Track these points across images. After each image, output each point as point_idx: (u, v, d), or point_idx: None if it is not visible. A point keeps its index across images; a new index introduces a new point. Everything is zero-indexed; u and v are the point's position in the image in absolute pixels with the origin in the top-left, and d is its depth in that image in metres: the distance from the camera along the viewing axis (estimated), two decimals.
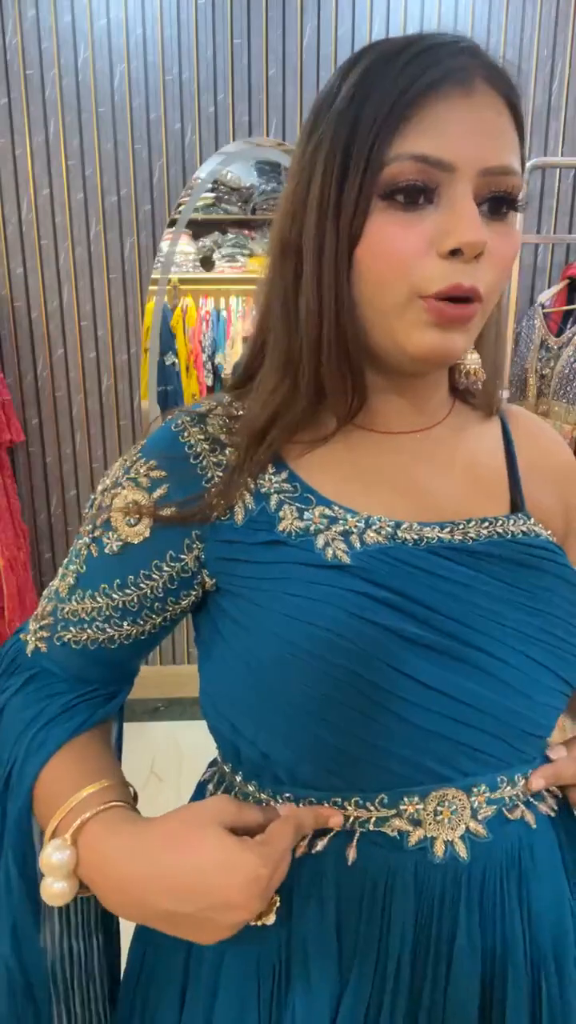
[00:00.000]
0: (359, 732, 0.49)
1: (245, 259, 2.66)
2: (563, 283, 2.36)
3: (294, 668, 0.49)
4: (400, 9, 2.32)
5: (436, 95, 0.46)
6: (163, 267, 2.47)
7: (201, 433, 0.56)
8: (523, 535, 0.56)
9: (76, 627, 0.57)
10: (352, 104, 0.48)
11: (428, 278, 0.48)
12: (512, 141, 0.49)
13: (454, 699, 0.50)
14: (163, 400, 2.64)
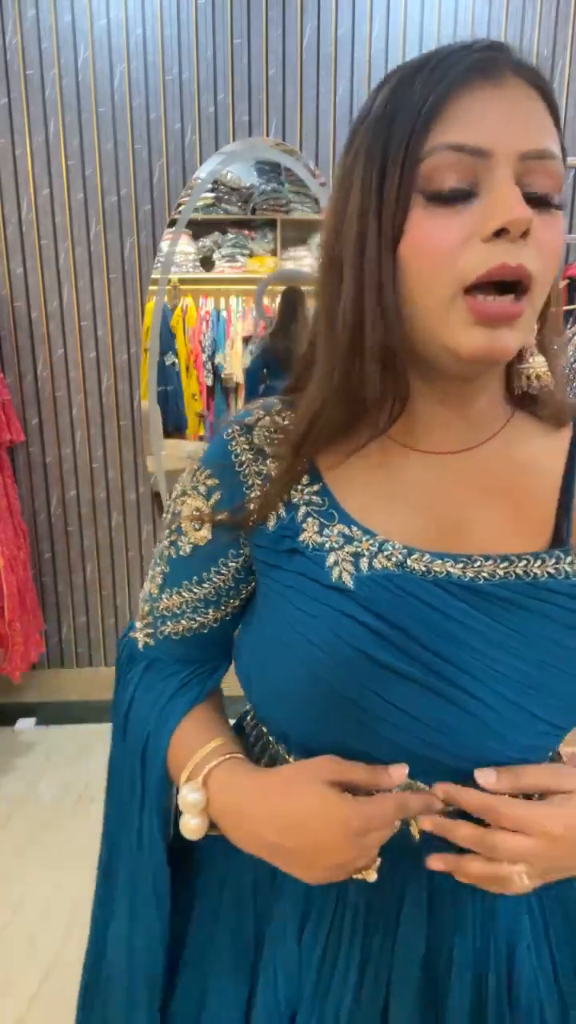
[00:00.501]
0: (338, 736, 0.55)
1: (245, 259, 2.66)
2: (563, 283, 2.36)
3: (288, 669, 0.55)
4: (400, 9, 2.32)
5: (466, 88, 0.46)
6: (163, 267, 2.47)
7: (247, 443, 0.59)
8: (548, 577, 0.53)
9: (172, 621, 0.65)
10: (386, 112, 0.49)
11: (471, 265, 0.47)
12: (548, 126, 0.48)
13: (431, 728, 0.53)
14: (163, 400, 2.64)
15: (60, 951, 1.66)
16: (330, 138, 2.41)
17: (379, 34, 2.34)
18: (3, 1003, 1.53)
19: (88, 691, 2.81)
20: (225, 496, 0.59)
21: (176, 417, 2.75)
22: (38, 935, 1.71)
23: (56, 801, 2.21)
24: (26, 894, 1.83)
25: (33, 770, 2.37)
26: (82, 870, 1.91)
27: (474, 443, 0.56)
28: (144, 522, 2.70)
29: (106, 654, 2.81)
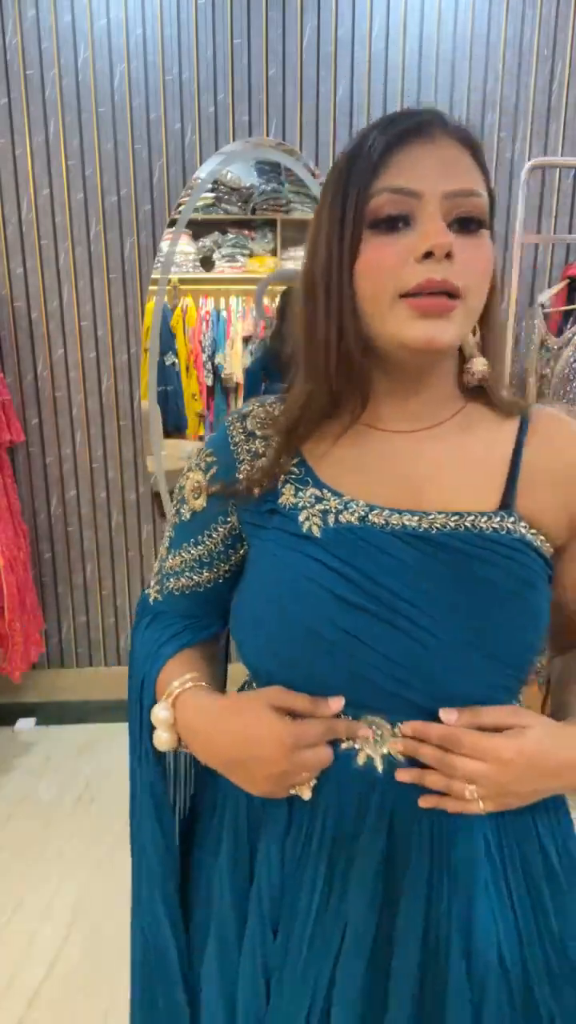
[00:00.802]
0: (306, 664, 0.64)
1: (245, 259, 2.66)
2: (563, 283, 2.37)
3: (264, 606, 0.66)
4: (400, 9, 2.32)
5: (403, 145, 0.60)
6: (163, 267, 2.47)
7: (241, 428, 0.72)
8: (493, 531, 0.64)
9: (174, 578, 0.77)
10: (346, 164, 0.62)
11: (407, 279, 0.60)
12: (472, 171, 0.62)
13: (391, 660, 0.62)
14: (163, 400, 2.64)
15: (60, 951, 1.66)
16: (330, 138, 2.41)
17: (379, 34, 2.34)
18: (3, 1003, 1.53)
19: (88, 691, 2.81)
20: (220, 470, 0.72)
21: (176, 417, 2.75)
22: (38, 935, 1.71)
23: (56, 801, 2.21)
24: (26, 894, 1.83)
25: (33, 770, 2.37)
26: (82, 870, 1.91)
27: (429, 424, 0.68)
28: (144, 522, 2.70)
29: (106, 654, 2.81)
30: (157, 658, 0.74)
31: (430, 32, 2.35)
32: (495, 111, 2.41)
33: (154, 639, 0.76)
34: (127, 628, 2.79)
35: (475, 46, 2.36)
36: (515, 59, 2.38)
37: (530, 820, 0.67)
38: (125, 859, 2.15)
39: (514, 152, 2.45)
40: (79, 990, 1.56)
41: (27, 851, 1.99)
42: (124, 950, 1.75)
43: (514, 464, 0.67)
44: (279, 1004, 0.66)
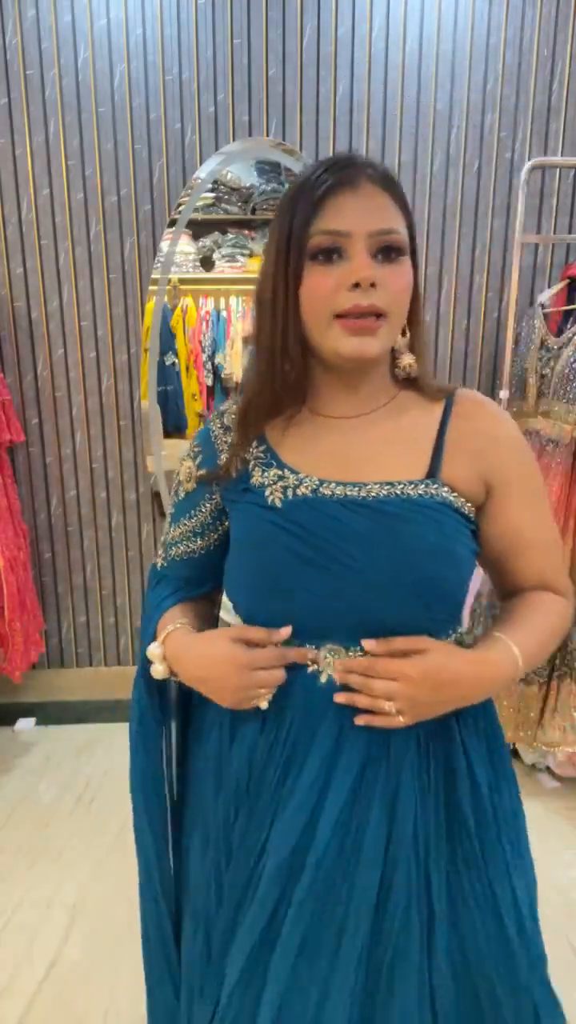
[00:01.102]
0: (276, 605, 0.81)
1: (245, 259, 2.66)
2: (563, 283, 2.36)
3: (244, 557, 0.84)
4: (400, 9, 2.32)
5: (333, 194, 0.74)
6: (163, 267, 2.47)
7: (220, 424, 0.90)
8: (419, 496, 0.79)
9: (174, 547, 0.94)
10: (290, 207, 0.76)
11: (339, 303, 0.75)
12: (393, 213, 0.76)
13: (331, 597, 0.78)
14: (163, 400, 2.64)
15: (60, 951, 1.66)
16: (330, 138, 2.41)
17: (379, 34, 2.34)
18: (3, 1003, 1.53)
19: (88, 691, 2.81)
20: (205, 459, 0.89)
21: (176, 417, 2.75)
22: (38, 935, 1.71)
23: (56, 801, 2.21)
24: (26, 894, 1.83)
25: (33, 770, 2.37)
26: (82, 870, 1.91)
27: (366, 411, 0.84)
28: (144, 522, 2.70)
29: (106, 654, 2.81)
30: (159, 608, 0.92)
31: (430, 32, 2.35)
32: (495, 111, 2.41)
33: (159, 595, 0.94)
34: (127, 628, 2.79)
35: (475, 46, 2.36)
36: (515, 59, 2.38)
37: (454, 724, 0.83)
38: (125, 859, 2.16)
39: (514, 152, 2.45)
40: (79, 990, 1.56)
41: (27, 851, 1.99)
42: (124, 950, 1.76)
43: (439, 440, 0.82)
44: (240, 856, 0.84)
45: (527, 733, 2.23)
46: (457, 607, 0.81)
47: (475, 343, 2.62)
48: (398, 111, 2.40)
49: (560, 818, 2.14)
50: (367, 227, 0.74)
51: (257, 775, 0.84)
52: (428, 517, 0.78)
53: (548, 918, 1.83)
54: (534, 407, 2.28)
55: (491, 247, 2.53)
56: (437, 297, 2.56)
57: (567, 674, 2.18)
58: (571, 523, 2.17)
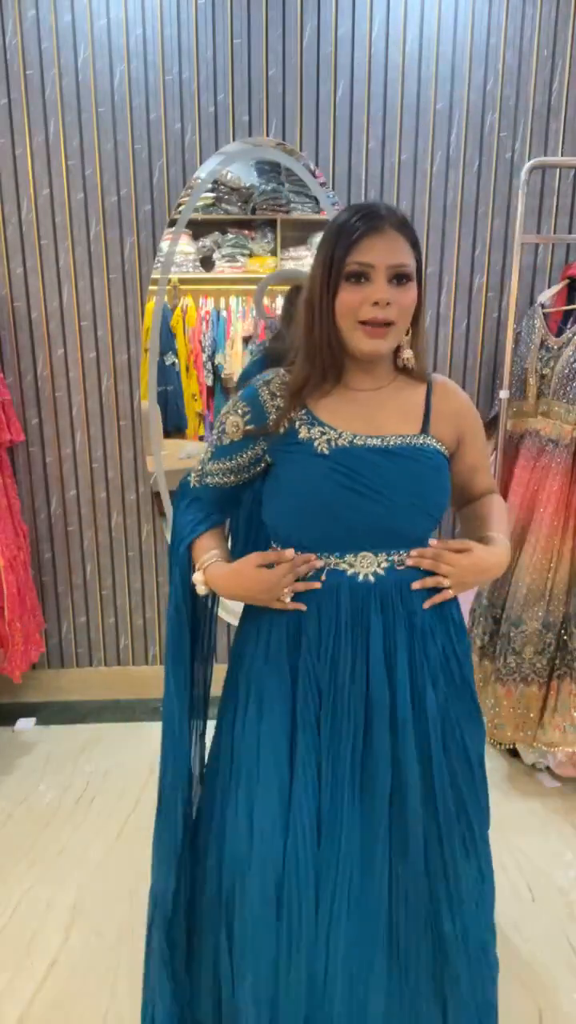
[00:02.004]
0: (324, 525, 1.10)
1: (245, 259, 2.66)
2: (563, 283, 2.36)
3: (299, 494, 1.10)
4: (400, 9, 2.32)
5: (366, 235, 1.03)
6: (163, 267, 2.47)
7: (267, 390, 1.15)
8: (420, 444, 1.12)
9: (210, 477, 1.21)
10: (332, 243, 1.05)
11: (364, 314, 1.05)
12: (406, 250, 1.05)
13: (366, 515, 1.09)
14: (163, 400, 2.64)
15: (60, 951, 1.66)
16: (330, 138, 2.41)
17: (379, 34, 2.34)
18: (3, 1003, 1.53)
19: (88, 691, 2.81)
20: (253, 417, 1.14)
21: (176, 417, 2.75)
22: (38, 935, 1.71)
23: (56, 801, 2.21)
24: (26, 894, 1.83)
25: (33, 770, 2.37)
26: (82, 870, 1.91)
27: (378, 387, 1.15)
28: (144, 522, 2.70)
29: (106, 654, 2.81)
30: (194, 531, 1.20)
31: (430, 32, 2.35)
32: (495, 111, 2.41)
33: (192, 518, 1.22)
34: (127, 628, 2.79)
35: (475, 46, 2.36)
36: (515, 59, 2.38)
37: (448, 610, 1.19)
38: (125, 859, 2.16)
39: (514, 152, 2.45)
40: (79, 990, 1.56)
41: (27, 851, 1.99)
42: (124, 950, 1.76)
43: (427, 408, 1.16)
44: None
45: (527, 733, 2.23)
46: (442, 515, 1.16)
47: (475, 343, 2.62)
48: (398, 111, 2.40)
49: (560, 818, 2.14)
50: (387, 261, 1.03)
51: (328, 653, 1.12)
52: (428, 458, 1.12)
53: (548, 918, 1.84)
54: (534, 407, 2.28)
55: (491, 247, 2.53)
56: (437, 297, 2.56)
57: (567, 674, 2.18)
58: (571, 523, 2.17)
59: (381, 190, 2.46)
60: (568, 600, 2.18)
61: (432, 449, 1.13)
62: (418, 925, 1.14)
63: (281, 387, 1.13)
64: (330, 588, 1.12)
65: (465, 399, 1.22)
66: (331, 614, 1.12)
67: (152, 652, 2.81)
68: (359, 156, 2.43)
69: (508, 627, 2.23)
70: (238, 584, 1.13)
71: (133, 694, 2.81)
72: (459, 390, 1.22)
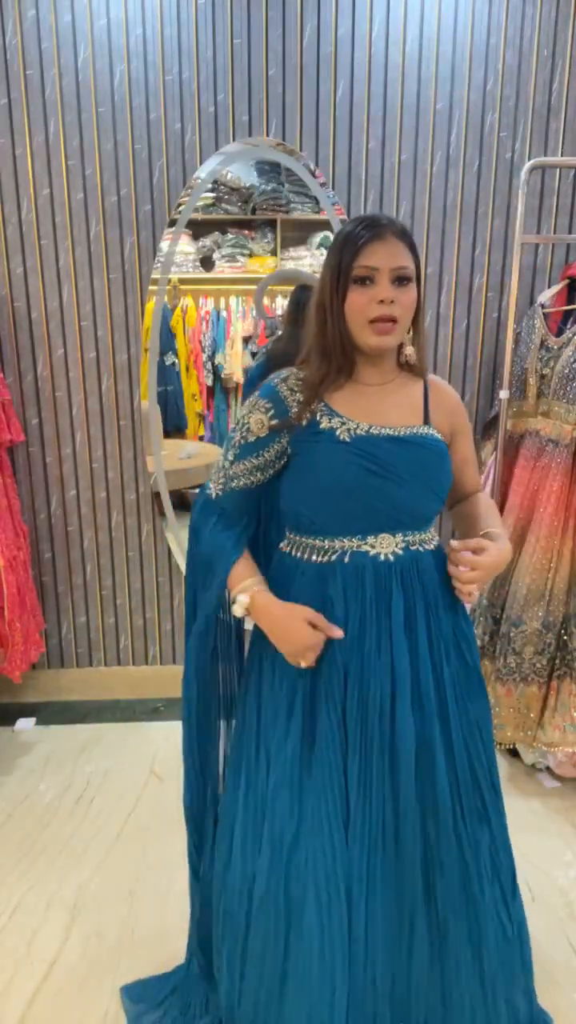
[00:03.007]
0: (346, 508, 1.17)
1: (245, 259, 2.66)
2: (563, 283, 2.36)
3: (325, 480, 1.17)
4: (400, 9, 2.32)
5: (370, 242, 1.12)
6: (163, 267, 2.47)
7: (285, 386, 1.21)
8: (425, 434, 1.21)
9: (236, 480, 1.25)
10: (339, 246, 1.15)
11: (372, 313, 1.13)
12: (406, 255, 1.14)
13: (385, 498, 1.16)
14: (163, 400, 2.64)
15: (60, 951, 1.66)
16: (330, 138, 2.41)
17: (379, 34, 2.34)
18: (3, 1003, 1.53)
19: (88, 691, 2.81)
20: (276, 413, 1.20)
21: (176, 417, 2.75)
22: (38, 935, 1.71)
23: (56, 801, 2.21)
24: (26, 894, 1.83)
25: (33, 770, 2.37)
26: (82, 870, 1.91)
27: (384, 382, 1.24)
28: (144, 522, 2.70)
29: (106, 654, 2.81)
30: (227, 557, 1.24)
31: (430, 32, 2.35)
32: (495, 111, 2.41)
33: (228, 536, 1.25)
34: (127, 628, 2.79)
35: (475, 46, 2.36)
36: (515, 59, 2.38)
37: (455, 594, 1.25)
38: (125, 859, 2.16)
39: (514, 152, 2.45)
40: (79, 990, 1.56)
41: (27, 851, 1.99)
42: (124, 950, 1.76)
43: (425, 403, 1.25)
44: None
45: (527, 733, 2.23)
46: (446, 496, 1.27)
47: (475, 343, 2.62)
48: (398, 111, 2.40)
49: (560, 818, 2.14)
50: (389, 264, 1.13)
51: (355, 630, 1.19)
52: (434, 445, 1.22)
53: (548, 918, 1.83)
54: (534, 407, 2.28)
55: (491, 247, 2.53)
56: (437, 297, 2.56)
57: (567, 674, 2.18)
58: (571, 523, 2.17)
59: (381, 190, 2.46)
60: (568, 600, 2.18)
61: (436, 438, 1.23)
62: (453, 889, 1.21)
63: (297, 383, 1.20)
64: (355, 568, 1.19)
65: (456, 396, 1.33)
66: (357, 594, 1.19)
67: (152, 652, 2.81)
68: (359, 156, 2.43)
69: (508, 627, 2.23)
70: (281, 627, 1.18)
71: (133, 694, 2.81)
72: (451, 388, 1.33)
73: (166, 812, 2.12)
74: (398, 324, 1.15)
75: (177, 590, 2.77)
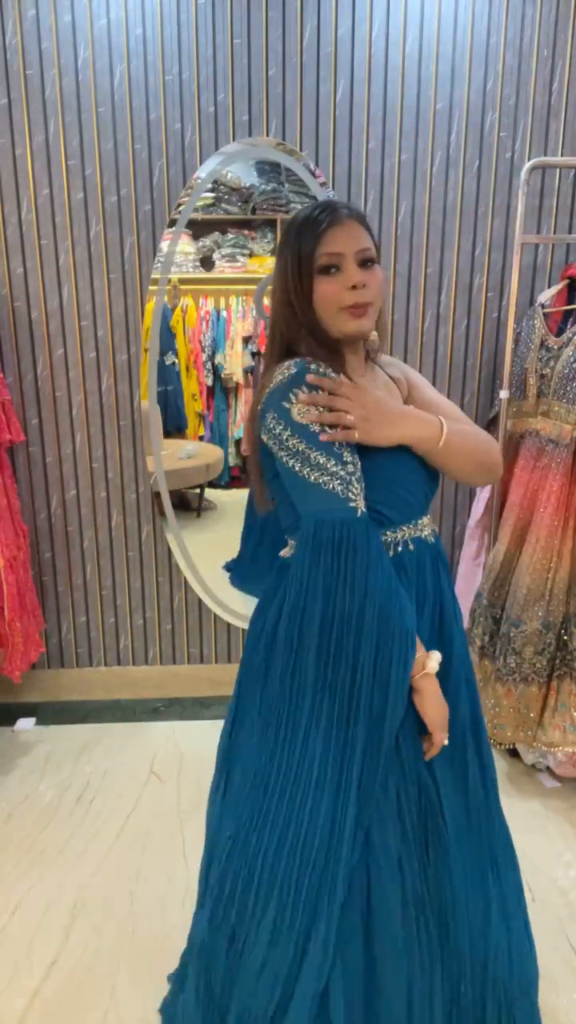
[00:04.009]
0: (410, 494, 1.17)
1: (245, 259, 2.66)
2: (563, 283, 2.36)
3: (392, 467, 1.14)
4: (400, 9, 2.32)
5: (329, 228, 1.09)
6: (163, 267, 2.47)
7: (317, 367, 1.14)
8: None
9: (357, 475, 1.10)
10: (298, 234, 1.11)
11: (345, 300, 1.10)
12: (366, 236, 1.12)
13: (426, 479, 1.19)
14: (163, 400, 2.64)
15: (60, 951, 1.66)
16: (330, 138, 2.41)
17: (379, 34, 2.34)
18: (3, 1003, 1.53)
19: (88, 691, 2.81)
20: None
21: (176, 417, 2.75)
22: (38, 935, 1.71)
23: (56, 801, 2.21)
24: (26, 894, 1.83)
25: (33, 770, 2.37)
26: (82, 870, 1.91)
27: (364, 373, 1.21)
28: (144, 522, 2.70)
29: (106, 654, 2.81)
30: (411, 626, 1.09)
31: (430, 32, 2.35)
32: (495, 111, 2.41)
33: (396, 588, 1.09)
34: (127, 628, 2.79)
35: (475, 46, 2.36)
36: (515, 59, 2.38)
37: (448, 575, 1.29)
38: (125, 859, 2.15)
39: (514, 152, 2.45)
40: (79, 990, 1.56)
41: (27, 851, 1.99)
42: (124, 950, 1.76)
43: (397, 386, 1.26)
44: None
45: (527, 733, 2.23)
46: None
47: (475, 343, 2.62)
48: (398, 111, 2.40)
49: (560, 818, 2.14)
50: (353, 248, 1.10)
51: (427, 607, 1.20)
52: None
53: (548, 918, 1.83)
54: (534, 407, 2.28)
55: (491, 247, 2.53)
56: (437, 297, 2.56)
57: (567, 674, 2.18)
58: (571, 523, 2.17)
59: (381, 190, 2.46)
60: (568, 600, 2.18)
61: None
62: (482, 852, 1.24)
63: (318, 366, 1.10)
64: (418, 554, 1.19)
65: (396, 361, 1.34)
66: (421, 576, 1.20)
67: (152, 652, 2.81)
68: (359, 156, 2.43)
69: (508, 627, 2.23)
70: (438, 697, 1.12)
71: (133, 694, 2.81)
72: (390, 359, 1.33)
73: (166, 812, 2.12)
74: (371, 306, 1.11)
75: (177, 590, 2.77)
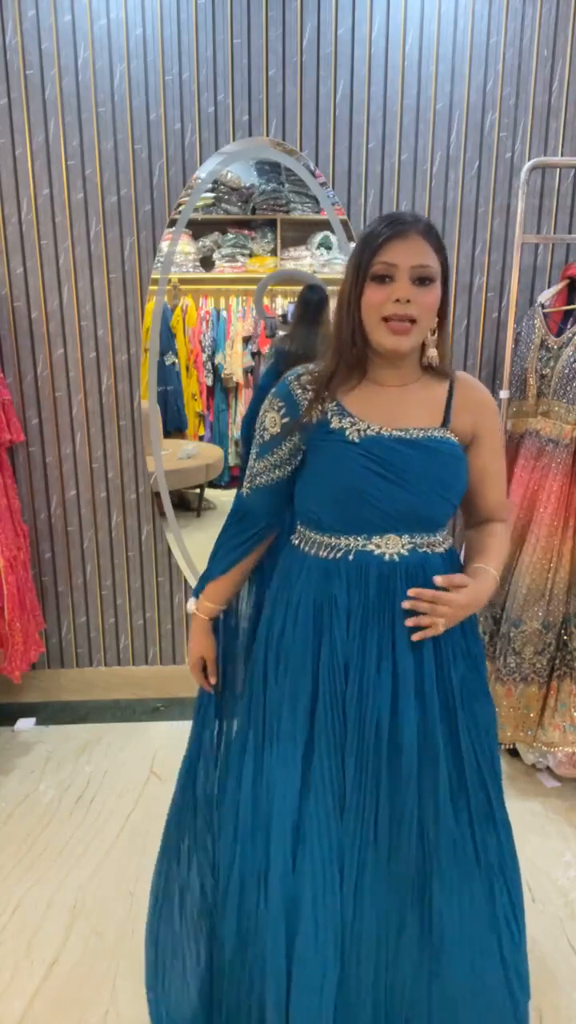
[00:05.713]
0: (354, 508, 1.17)
1: (245, 259, 2.66)
2: (563, 283, 2.36)
3: (332, 479, 1.18)
4: (400, 9, 2.32)
5: (390, 240, 1.11)
6: (163, 267, 2.47)
7: (298, 384, 1.22)
8: (439, 437, 1.20)
9: (259, 477, 1.27)
10: (362, 245, 1.13)
11: (386, 311, 1.12)
12: (429, 252, 1.12)
13: (391, 500, 1.16)
14: (163, 400, 2.64)
15: (60, 951, 1.66)
16: (330, 138, 2.41)
17: (379, 34, 2.34)
18: (3, 1003, 1.53)
19: (88, 691, 2.81)
20: (288, 411, 1.21)
21: (176, 417, 2.75)
22: (38, 935, 1.71)
23: (56, 801, 2.21)
24: (26, 894, 1.83)
25: (33, 770, 2.37)
26: (82, 870, 1.91)
27: (403, 384, 1.22)
28: (144, 522, 2.70)
29: (106, 654, 2.81)
30: (231, 553, 1.32)
31: (430, 32, 2.35)
32: (495, 111, 2.41)
33: (240, 535, 1.31)
34: (127, 628, 2.79)
35: (475, 46, 2.36)
36: (515, 59, 2.38)
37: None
38: (125, 859, 2.16)
39: (514, 152, 2.45)
40: (79, 990, 1.56)
41: (27, 851, 1.99)
42: (124, 950, 1.76)
43: (448, 404, 1.23)
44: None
45: (527, 733, 2.23)
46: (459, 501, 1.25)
47: (475, 343, 2.62)
48: (398, 111, 2.40)
49: (560, 818, 2.14)
50: (410, 262, 1.11)
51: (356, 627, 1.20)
52: (448, 449, 1.20)
53: (548, 918, 1.83)
54: (534, 407, 2.28)
55: (491, 247, 2.53)
56: None
57: (567, 674, 2.18)
58: (571, 523, 2.17)
59: (381, 190, 2.46)
60: (568, 600, 2.18)
61: (450, 441, 1.21)
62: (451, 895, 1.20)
63: (309, 381, 1.20)
64: (359, 567, 1.19)
65: (487, 394, 1.27)
66: (360, 592, 1.19)
67: (152, 652, 2.81)
68: (359, 156, 2.43)
69: (508, 627, 2.23)
70: (190, 647, 1.38)
71: (133, 694, 2.81)
72: (481, 386, 1.28)
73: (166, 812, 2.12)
74: (416, 325, 1.12)
75: (177, 590, 2.76)
